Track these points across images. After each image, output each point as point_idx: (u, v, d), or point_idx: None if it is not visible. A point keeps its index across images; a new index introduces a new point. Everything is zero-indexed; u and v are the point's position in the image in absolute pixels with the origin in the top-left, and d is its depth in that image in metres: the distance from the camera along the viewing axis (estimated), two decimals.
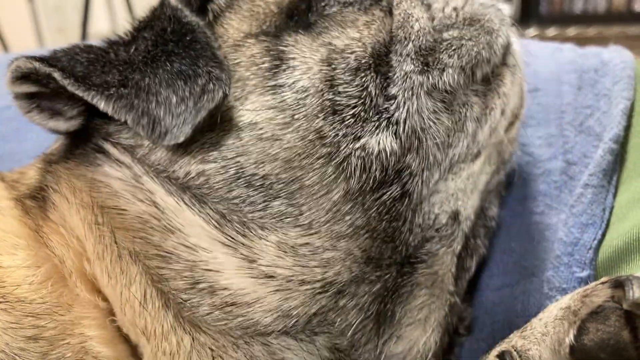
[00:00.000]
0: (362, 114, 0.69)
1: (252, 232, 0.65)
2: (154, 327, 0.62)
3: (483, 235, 0.83)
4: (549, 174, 0.90)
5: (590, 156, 0.86)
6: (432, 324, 0.73)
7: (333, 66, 0.71)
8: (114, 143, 0.70)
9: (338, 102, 0.69)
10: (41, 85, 0.70)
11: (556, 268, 0.76)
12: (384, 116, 0.70)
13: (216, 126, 0.68)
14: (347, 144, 0.68)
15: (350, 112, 0.69)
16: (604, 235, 0.77)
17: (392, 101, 0.70)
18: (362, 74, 0.71)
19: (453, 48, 0.74)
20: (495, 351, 0.65)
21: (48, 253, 0.65)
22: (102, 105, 0.65)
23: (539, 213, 0.87)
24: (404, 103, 0.70)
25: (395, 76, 0.72)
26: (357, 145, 0.68)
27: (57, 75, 0.65)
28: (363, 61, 0.72)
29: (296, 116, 0.68)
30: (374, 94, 0.70)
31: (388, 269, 0.69)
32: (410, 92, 0.71)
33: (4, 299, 0.60)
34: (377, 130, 0.69)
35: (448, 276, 0.75)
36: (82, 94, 0.65)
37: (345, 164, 0.67)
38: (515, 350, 0.62)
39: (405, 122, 0.70)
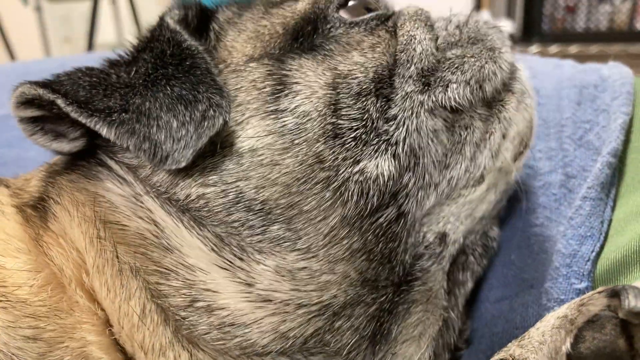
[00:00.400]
0: (363, 136, 0.70)
1: (249, 257, 0.66)
2: (152, 342, 0.63)
3: (480, 254, 0.83)
4: (548, 186, 0.91)
5: (589, 170, 0.86)
6: (427, 339, 0.74)
7: (337, 90, 0.71)
8: (117, 161, 0.71)
9: (340, 126, 0.69)
10: (44, 109, 0.70)
11: (554, 280, 0.77)
12: (383, 138, 0.70)
13: (217, 151, 0.68)
14: (346, 168, 0.68)
15: (352, 136, 0.69)
16: (602, 247, 0.77)
17: (392, 122, 0.71)
18: (364, 99, 0.71)
19: (455, 66, 0.75)
20: None
21: (47, 261, 0.66)
22: (104, 131, 0.65)
23: (539, 225, 0.88)
24: (404, 122, 0.71)
25: (397, 97, 0.72)
26: (356, 169, 0.68)
27: (60, 102, 0.66)
28: (365, 86, 0.72)
29: (296, 141, 0.68)
30: (374, 117, 0.71)
31: (384, 290, 0.70)
32: (410, 111, 0.72)
33: (4, 298, 0.61)
34: (376, 154, 0.69)
35: (441, 292, 0.76)
36: (84, 121, 0.66)
37: (343, 188, 0.68)
38: (513, 359, 0.62)
39: (404, 141, 0.70)
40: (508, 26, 4.85)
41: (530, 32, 4.90)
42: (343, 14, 0.81)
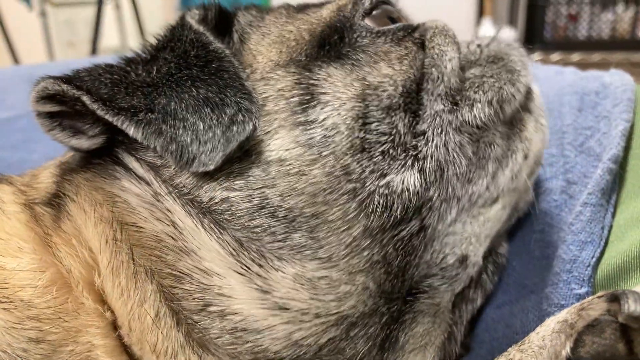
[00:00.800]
0: (391, 151, 0.69)
1: (268, 263, 0.65)
2: (165, 346, 0.63)
3: (492, 271, 0.83)
4: (549, 192, 0.92)
5: (590, 176, 0.87)
6: (432, 349, 0.74)
7: (366, 103, 0.71)
8: (139, 159, 0.70)
9: (368, 140, 0.69)
10: (65, 105, 0.69)
11: (555, 285, 0.77)
12: (410, 153, 0.70)
13: (244, 157, 0.67)
14: (373, 181, 0.68)
15: (380, 150, 0.69)
16: (602, 253, 0.77)
17: (421, 137, 0.71)
18: (393, 113, 0.71)
19: (477, 85, 0.76)
20: None
21: (54, 261, 0.65)
22: (131, 131, 0.65)
23: (539, 231, 0.89)
24: (432, 139, 0.71)
25: (426, 114, 0.72)
26: (382, 182, 0.68)
27: (86, 99, 0.65)
28: (394, 100, 0.72)
29: (324, 153, 0.68)
30: (402, 132, 0.70)
31: (396, 301, 0.70)
32: (439, 129, 0.72)
33: (7, 299, 0.60)
34: (403, 169, 0.69)
35: (449, 308, 0.76)
36: (110, 119, 0.65)
37: (368, 200, 0.67)
38: None
39: (432, 157, 0.71)
40: (510, 34, 4.87)
41: (533, 40, 4.91)
42: (368, 22, 0.80)
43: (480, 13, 4.97)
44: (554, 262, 0.80)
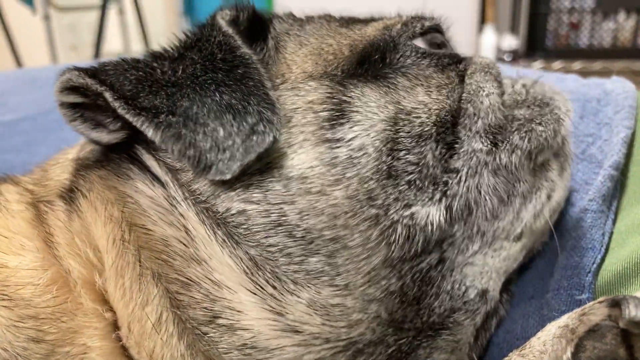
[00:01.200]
0: (417, 182, 0.67)
1: (283, 286, 0.63)
2: (163, 353, 0.62)
3: (506, 299, 0.82)
4: None
5: (592, 183, 0.87)
6: None
7: (397, 128, 0.69)
8: (158, 159, 0.68)
9: (394, 167, 0.67)
10: (88, 97, 0.68)
11: (556, 291, 0.77)
12: (440, 188, 0.68)
13: (265, 169, 0.65)
14: (396, 210, 0.66)
15: (406, 179, 0.67)
16: (603, 259, 0.78)
17: (454, 174, 0.69)
18: (423, 143, 0.69)
19: (525, 130, 0.73)
20: None
21: (54, 261, 0.65)
22: (150, 132, 0.63)
23: None
24: (465, 180, 0.69)
25: (462, 150, 0.70)
26: (407, 212, 0.66)
27: (108, 95, 0.64)
28: (426, 129, 0.69)
29: (348, 174, 0.65)
30: (431, 164, 0.68)
31: (407, 332, 0.68)
32: (474, 170, 0.70)
33: (8, 297, 0.60)
34: (430, 202, 0.67)
35: (468, 344, 0.74)
36: (131, 119, 0.64)
37: (390, 230, 0.65)
38: None
39: (462, 196, 0.69)
40: (512, 42, 4.89)
41: (534, 48, 4.93)
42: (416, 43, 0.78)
43: (482, 20, 4.98)
44: (554, 268, 0.80)
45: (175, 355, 0.62)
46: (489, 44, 4.83)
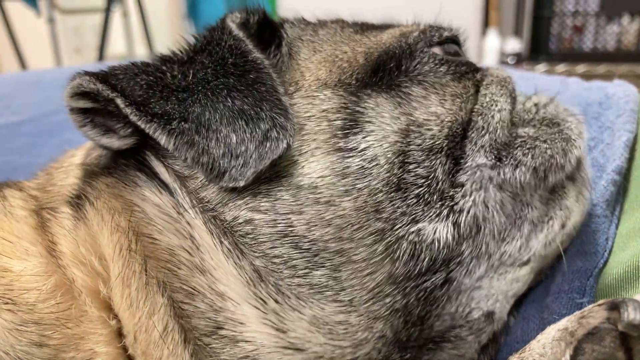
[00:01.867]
0: (426, 196, 0.66)
1: (286, 302, 0.62)
2: None
3: (513, 314, 0.81)
4: None
5: (594, 187, 0.87)
6: None
7: (409, 140, 0.68)
8: (167, 166, 0.68)
9: (404, 180, 0.66)
10: (98, 102, 0.67)
11: (556, 294, 0.77)
12: (447, 203, 0.67)
13: (274, 178, 0.65)
14: (403, 225, 0.65)
15: (415, 192, 0.66)
16: (605, 263, 0.78)
17: (459, 189, 0.68)
18: (434, 156, 0.68)
19: (527, 147, 0.72)
20: None
21: (57, 270, 0.65)
22: (163, 140, 0.62)
23: None
24: (471, 194, 0.68)
25: (467, 165, 0.69)
26: (413, 228, 0.65)
27: (120, 102, 0.63)
28: (437, 142, 0.69)
29: (358, 185, 0.65)
30: (440, 178, 0.67)
31: (410, 350, 0.68)
32: (479, 185, 0.69)
33: (11, 301, 0.60)
34: (437, 218, 0.66)
35: (475, 358, 0.74)
36: (143, 126, 0.63)
37: (395, 245, 0.64)
38: None
39: (469, 212, 0.68)
40: (515, 45, 4.89)
41: (538, 52, 4.93)
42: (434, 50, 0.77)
43: (486, 24, 4.98)
44: (555, 271, 0.80)
45: None
46: (492, 47, 4.83)
